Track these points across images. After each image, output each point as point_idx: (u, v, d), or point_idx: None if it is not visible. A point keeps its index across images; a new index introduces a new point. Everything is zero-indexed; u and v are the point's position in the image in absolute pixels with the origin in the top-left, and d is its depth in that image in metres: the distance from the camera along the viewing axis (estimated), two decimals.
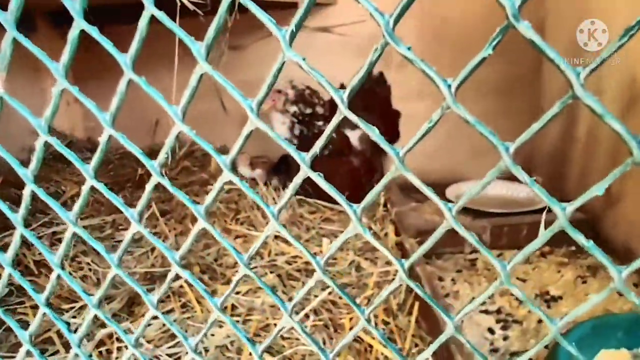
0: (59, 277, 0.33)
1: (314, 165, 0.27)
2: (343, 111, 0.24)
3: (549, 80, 1.53)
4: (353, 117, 0.24)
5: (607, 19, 1.09)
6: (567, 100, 0.21)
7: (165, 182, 0.28)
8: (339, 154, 1.45)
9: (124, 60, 0.26)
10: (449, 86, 0.21)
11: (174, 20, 0.27)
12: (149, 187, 0.29)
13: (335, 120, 0.24)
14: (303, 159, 0.26)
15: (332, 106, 1.43)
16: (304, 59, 0.23)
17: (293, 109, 1.43)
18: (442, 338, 0.25)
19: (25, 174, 0.32)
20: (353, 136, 1.48)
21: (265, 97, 0.25)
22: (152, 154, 0.25)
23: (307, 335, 0.29)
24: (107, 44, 0.26)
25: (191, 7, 0.97)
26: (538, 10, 1.44)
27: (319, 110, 1.46)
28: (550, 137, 1.50)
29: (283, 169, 1.53)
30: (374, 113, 1.45)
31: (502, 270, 0.23)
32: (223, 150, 0.26)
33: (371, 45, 0.21)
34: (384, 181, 0.25)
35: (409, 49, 0.21)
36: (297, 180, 0.27)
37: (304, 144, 1.41)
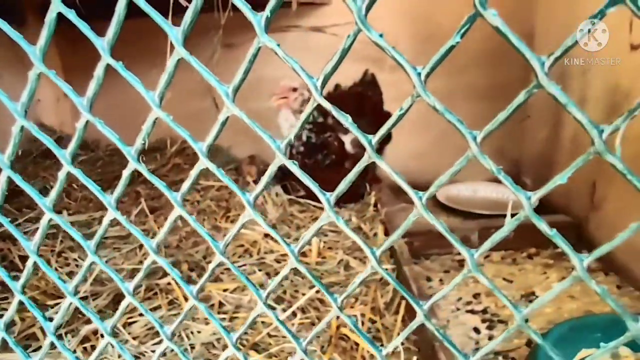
0: (35, 264, 0.33)
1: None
2: (317, 98, 0.24)
3: None
4: (326, 104, 0.24)
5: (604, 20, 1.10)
6: (533, 90, 0.21)
7: (142, 168, 0.28)
8: (337, 164, 1.44)
9: (101, 44, 0.26)
10: (419, 74, 0.22)
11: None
12: (125, 173, 0.29)
13: (310, 107, 0.24)
14: (278, 146, 0.26)
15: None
16: (278, 45, 0.23)
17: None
18: (412, 325, 0.25)
19: (2, 159, 0.31)
20: (346, 140, 1.48)
21: (241, 83, 0.25)
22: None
23: (280, 323, 0.30)
24: (84, 28, 0.26)
25: (185, 3, 0.97)
26: (529, 12, 1.46)
27: (329, 121, 1.44)
28: (538, 143, 1.53)
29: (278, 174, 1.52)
30: (366, 116, 1.46)
31: (470, 259, 0.24)
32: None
33: (364, 46, 0.21)
34: (356, 169, 0.25)
35: (380, 35, 0.21)
36: (273, 167, 0.27)
37: (308, 151, 1.40)
